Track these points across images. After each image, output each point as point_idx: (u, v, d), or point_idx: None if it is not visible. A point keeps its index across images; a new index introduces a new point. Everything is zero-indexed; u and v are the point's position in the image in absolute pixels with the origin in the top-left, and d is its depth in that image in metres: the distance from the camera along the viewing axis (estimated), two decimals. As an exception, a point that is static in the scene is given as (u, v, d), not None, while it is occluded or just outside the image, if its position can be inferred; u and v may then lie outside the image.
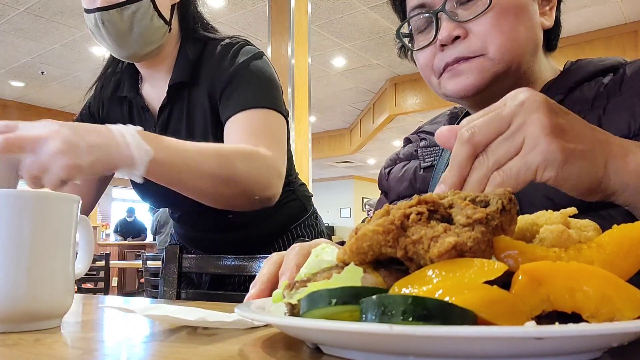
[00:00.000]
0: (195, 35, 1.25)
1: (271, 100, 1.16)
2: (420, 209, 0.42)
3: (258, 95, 1.15)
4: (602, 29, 6.47)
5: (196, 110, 1.21)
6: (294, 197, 1.37)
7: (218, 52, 1.21)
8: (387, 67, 7.95)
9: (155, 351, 0.47)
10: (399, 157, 1.04)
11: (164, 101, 1.23)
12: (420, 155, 0.97)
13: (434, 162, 0.93)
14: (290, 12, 4.40)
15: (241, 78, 1.17)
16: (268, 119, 1.14)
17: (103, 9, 1.09)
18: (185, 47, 1.23)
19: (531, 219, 0.48)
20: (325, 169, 13.81)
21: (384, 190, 1.05)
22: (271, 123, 1.14)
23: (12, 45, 6.78)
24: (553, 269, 0.37)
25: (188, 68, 1.21)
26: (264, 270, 0.66)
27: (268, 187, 1.05)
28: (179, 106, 1.23)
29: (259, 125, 1.11)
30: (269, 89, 1.18)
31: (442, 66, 0.82)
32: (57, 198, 0.61)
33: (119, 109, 1.32)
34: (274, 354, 0.44)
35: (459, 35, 0.79)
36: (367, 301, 0.36)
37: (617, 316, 0.35)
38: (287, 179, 1.32)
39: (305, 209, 1.40)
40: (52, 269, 0.59)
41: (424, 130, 1.03)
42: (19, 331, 0.57)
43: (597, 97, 0.76)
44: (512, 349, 0.33)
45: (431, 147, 0.96)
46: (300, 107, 4.44)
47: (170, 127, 1.24)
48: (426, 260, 0.40)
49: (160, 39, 1.18)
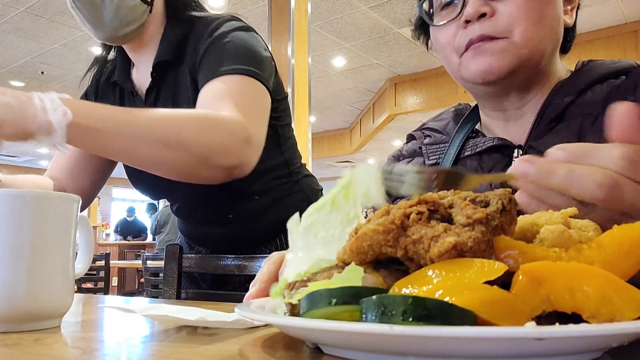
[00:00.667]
0: (181, 14, 1.21)
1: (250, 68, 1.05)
2: (420, 208, 0.42)
3: (235, 62, 1.05)
4: (602, 29, 6.47)
5: (182, 92, 1.18)
6: (297, 188, 1.30)
7: (203, 29, 1.16)
8: (387, 67, 7.95)
9: (155, 351, 0.47)
10: (402, 154, 1.03)
11: (150, 84, 1.21)
12: (424, 153, 0.96)
13: (439, 159, 0.92)
14: (290, 12, 4.40)
15: (218, 46, 1.09)
16: (243, 85, 1.03)
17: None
18: (169, 27, 1.20)
19: (531, 219, 0.48)
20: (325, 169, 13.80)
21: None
22: (246, 89, 1.03)
23: (12, 45, 6.78)
24: (553, 269, 0.37)
25: (171, 47, 1.17)
26: (263, 269, 0.66)
27: (229, 154, 0.92)
28: (165, 89, 1.20)
29: (229, 90, 1.00)
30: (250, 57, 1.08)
31: (464, 43, 0.79)
32: (57, 198, 0.61)
33: (111, 95, 1.30)
34: (274, 354, 0.44)
35: (486, 12, 0.77)
36: (367, 301, 0.36)
37: (617, 316, 0.35)
38: (288, 169, 1.27)
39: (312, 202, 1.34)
40: (52, 269, 0.59)
41: (428, 127, 1.01)
42: (19, 331, 0.57)
43: (609, 99, 0.75)
44: (512, 350, 0.33)
45: (436, 145, 0.95)
46: (300, 107, 4.44)
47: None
48: (426, 260, 0.40)
49: (139, 18, 1.15)
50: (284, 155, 1.27)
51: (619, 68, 0.81)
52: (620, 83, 0.78)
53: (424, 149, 0.96)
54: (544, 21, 0.77)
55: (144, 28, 1.18)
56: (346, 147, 11.22)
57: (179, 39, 1.17)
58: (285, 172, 1.28)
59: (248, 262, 1.21)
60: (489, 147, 0.85)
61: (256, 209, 1.23)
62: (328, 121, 10.73)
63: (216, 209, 1.25)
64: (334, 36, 6.74)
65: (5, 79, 8.07)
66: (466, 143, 0.90)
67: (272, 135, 1.14)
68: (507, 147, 0.84)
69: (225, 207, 1.24)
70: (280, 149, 1.26)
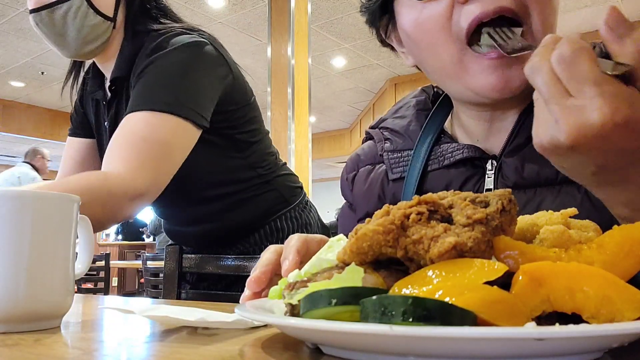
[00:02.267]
0: (137, 28, 1.20)
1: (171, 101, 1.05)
2: (420, 209, 0.42)
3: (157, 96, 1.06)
4: (602, 29, 6.46)
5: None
6: (268, 188, 1.31)
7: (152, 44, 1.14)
8: (387, 67, 7.94)
9: (155, 351, 0.47)
10: (361, 159, 0.90)
11: (110, 97, 1.24)
12: (387, 164, 0.84)
13: (403, 173, 0.80)
14: (290, 12, 4.40)
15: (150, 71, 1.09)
16: (154, 124, 1.04)
17: (34, 11, 1.10)
18: (125, 41, 1.20)
19: (531, 219, 0.48)
20: (325, 169, 13.80)
21: (349, 201, 0.92)
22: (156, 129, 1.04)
23: (12, 46, 6.78)
24: (553, 269, 0.37)
25: (125, 62, 1.18)
26: (263, 257, 0.64)
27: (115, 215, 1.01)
28: (122, 102, 1.23)
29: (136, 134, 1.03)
30: (181, 87, 1.08)
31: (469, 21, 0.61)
32: (57, 198, 0.61)
33: (91, 106, 1.35)
34: (274, 354, 0.44)
35: None
36: (367, 301, 0.36)
37: (617, 317, 0.35)
38: (254, 172, 1.29)
39: (286, 200, 1.34)
40: (52, 269, 0.59)
41: (387, 127, 0.87)
42: (19, 331, 0.57)
43: None
44: (512, 350, 0.33)
45: (398, 152, 0.82)
46: (300, 107, 4.44)
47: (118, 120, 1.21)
48: (426, 260, 0.40)
49: (102, 35, 1.16)
50: (247, 160, 1.28)
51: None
52: None
53: (386, 156, 0.84)
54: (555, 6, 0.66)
55: (108, 43, 1.19)
56: (346, 148, 11.22)
57: (132, 54, 1.17)
58: (251, 174, 1.29)
59: (248, 263, 1.21)
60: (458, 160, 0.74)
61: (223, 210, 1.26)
62: (328, 121, 10.73)
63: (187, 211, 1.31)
64: (334, 36, 6.74)
65: (6, 79, 8.07)
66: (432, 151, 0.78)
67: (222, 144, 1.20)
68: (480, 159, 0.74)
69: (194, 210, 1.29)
70: (242, 153, 1.26)
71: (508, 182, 0.70)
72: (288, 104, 4.29)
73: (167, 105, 1.05)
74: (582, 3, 5.83)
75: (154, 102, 1.05)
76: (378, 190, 0.85)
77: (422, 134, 0.81)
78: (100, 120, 1.33)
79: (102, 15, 1.14)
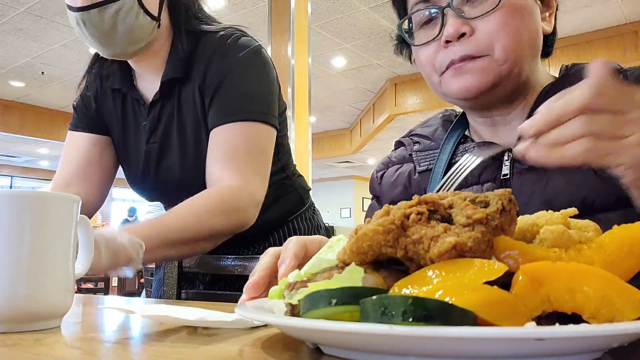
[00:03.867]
0: (188, 28, 1.21)
1: (260, 110, 1.14)
2: (420, 209, 0.42)
3: (246, 106, 1.13)
4: (602, 29, 6.46)
5: (187, 107, 1.19)
6: (291, 189, 1.36)
7: (211, 45, 1.17)
8: (387, 67, 7.95)
9: (155, 351, 0.47)
10: (391, 161, 1.02)
11: (155, 96, 1.21)
12: (415, 160, 0.95)
13: (430, 166, 0.92)
14: (290, 12, 4.40)
15: (232, 80, 1.14)
16: (252, 135, 1.13)
17: (83, 9, 1.05)
18: (177, 41, 1.19)
19: (531, 219, 0.48)
20: (325, 169, 13.80)
21: (376, 194, 1.03)
22: (255, 140, 1.14)
23: (12, 45, 6.78)
24: (553, 269, 0.37)
25: (181, 63, 1.18)
26: (262, 261, 0.66)
27: (245, 224, 1.11)
28: (171, 102, 1.21)
29: (239, 146, 1.11)
30: (261, 95, 1.16)
31: (446, 64, 0.80)
32: (57, 198, 0.61)
33: (111, 102, 1.30)
34: (274, 354, 0.44)
35: (465, 32, 0.78)
36: (367, 301, 0.36)
37: (617, 317, 0.35)
38: (284, 173, 1.33)
39: (303, 202, 1.39)
40: (52, 269, 0.59)
41: (416, 134, 1.02)
42: (19, 331, 0.57)
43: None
44: (512, 350, 0.33)
45: (426, 151, 0.95)
46: (300, 107, 4.44)
47: (162, 123, 1.22)
48: (426, 260, 0.40)
49: (149, 35, 1.14)
50: (281, 162, 1.33)
51: None
52: None
53: (414, 155, 0.96)
54: (523, 35, 0.78)
55: (151, 42, 1.17)
56: (346, 148, 11.22)
57: (187, 55, 1.18)
58: (282, 176, 1.34)
59: (248, 263, 1.21)
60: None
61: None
62: (328, 121, 10.73)
63: None
64: (334, 36, 6.74)
65: (6, 79, 8.08)
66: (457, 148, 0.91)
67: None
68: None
69: None
70: (277, 156, 1.29)
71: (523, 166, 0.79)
72: (288, 104, 4.28)
73: (257, 114, 1.14)
74: (582, 3, 5.83)
75: (247, 112, 1.13)
76: (405, 180, 0.95)
77: (447, 136, 0.94)
78: (128, 116, 1.28)
79: (150, 16, 1.13)
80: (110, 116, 1.31)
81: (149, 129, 1.23)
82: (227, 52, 1.16)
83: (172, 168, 1.22)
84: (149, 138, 1.23)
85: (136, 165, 1.28)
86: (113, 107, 1.30)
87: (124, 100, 1.29)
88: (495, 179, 0.82)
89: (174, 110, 1.20)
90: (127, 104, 1.29)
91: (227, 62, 1.15)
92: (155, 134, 1.23)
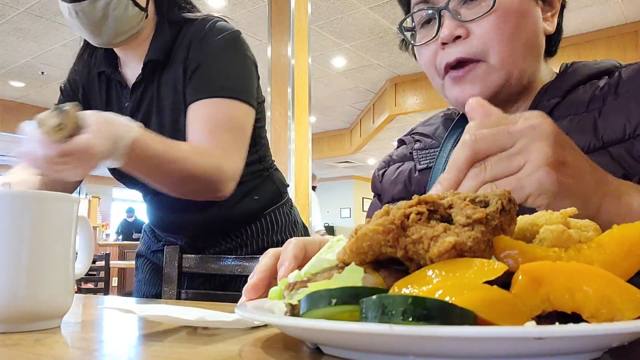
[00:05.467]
0: (171, 17, 1.26)
1: (239, 89, 1.18)
2: (420, 208, 0.42)
3: (224, 83, 1.17)
4: (602, 29, 6.46)
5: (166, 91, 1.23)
6: (269, 181, 1.39)
7: (192, 31, 1.22)
8: (387, 67, 7.95)
9: (155, 351, 0.47)
10: (393, 159, 1.03)
11: (137, 78, 1.25)
12: (415, 158, 0.96)
13: (430, 164, 0.92)
14: (290, 12, 4.39)
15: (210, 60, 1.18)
16: (231, 112, 1.16)
17: (75, 0, 1.10)
18: (160, 28, 1.25)
19: (531, 219, 0.48)
20: (325, 169, 13.81)
21: (377, 192, 1.04)
22: (235, 116, 1.17)
23: (12, 46, 6.78)
24: (553, 269, 0.37)
25: (163, 47, 1.23)
26: (261, 262, 0.66)
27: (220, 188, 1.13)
28: (152, 86, 1.25)
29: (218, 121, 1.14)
30: (238, 75, 1.20)
31: (442, 65, 0.81)
32: (57, 198, 0.61)
33: (97, 84, 1.34)
34: (274, 354, 0.44)
35: (460, 35, 0.78)
36: (367, 301, 0.36)
37: (617, 316, 0.35)
38: (261, 164, 1.37)
39: (281, 195, 1.42)
40: (52, 269, 0.59)
41: (417, 132, 1.02)
42: (19, 331, 0.57)
43: (593, 99, 0.76)
44: (512, 349, 0.33)
45: (427, 150, 0.95)
46: (300, 107, 4.43)
47: (143, 105, 1.26)
48: (426, 260, 0.40)
49: (136, 25, 1.20)
50: (258, 153, 1.37)
51: (602, 69, 0.81)
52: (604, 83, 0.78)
53: (415, 154, 0.96)
54: (519, 38, 0.78)
55: (138, 32, 1.22)
56: (346, 148, 11.22)
57: (169, 40, 1.23)
58: (260, 167, 1.38)
59: (248, 263, 1.22)
60: None
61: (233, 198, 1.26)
62: (328, 121, 10.73)
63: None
64: (334, 36, 6.74)
65: (6, 79, 8.08)
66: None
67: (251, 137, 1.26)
68: None
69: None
70: (255, 147, 1.34)
71: None
72: (288, 104, 4.29)
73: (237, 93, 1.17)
74: (583, 3, 5.83)
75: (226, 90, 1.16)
76: (405, 178, 0.95)
77: (447, 135, 0.94)
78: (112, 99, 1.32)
79: (138, 7, 1.18)
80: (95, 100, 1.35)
81: (130, 111, 1.27)
82: (207, 34, 1.21)
83: None
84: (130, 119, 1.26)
85: None
86: (98, 90, 1.34)
87: (108, 84, 1.33)
88: None
89: (154, 93, 1.24)
90: (112, 88, 1.33)
91: (206, 42, 1.20)
92: (136, 116, 1.26)
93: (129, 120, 0.97)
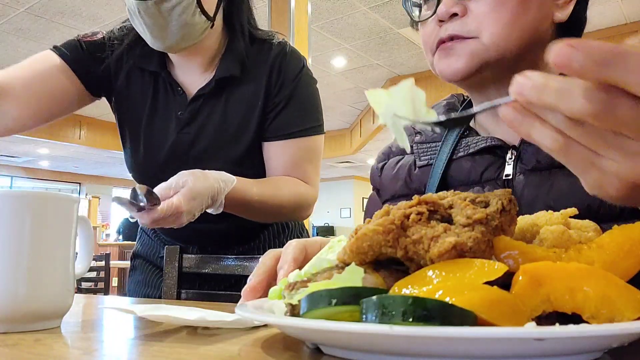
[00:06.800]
0: (244, 31, 1.26)
1: (319, 123, 1.29)
2: (420, 209, 0.42)
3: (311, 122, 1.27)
4: (602, 29, 6.47)
5: (236, 105, 1.22)
6: None
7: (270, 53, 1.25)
8: (387, 67, 7.95)
9: (155, 351, 0.47)
10: (392, 151, 1.00)
11: (202, 90, 1.22)
12: (415, 153, 0.93)
13: (430, 161, 0.90)
14: (290, 12, 4.39)
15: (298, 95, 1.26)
16: (313, 144, 1.28)
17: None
18: (235, 43, 1.23)
19: (531, 219, 0.48)
20: (325, 169, 13.81)
21: (376, 187, 1.02)
22: (314, 148, 1.29)
23: (12, 46, 6.78)
24: (553, 269, 0.37)
25: (237, 63, 1.22)
26: (261, 263, 0.66)
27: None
28: (217, 99, 1.22)
29: (303, 154, 1.26)
30: (319, 110, 1.32)
31: (435, 42, 0.80)
32: (57, 198, 0.61)
33: (140, 79, 1.27)
34: (274, 354, 0.44)
35: (457, 12, 0.76)
36: (367, 301, 0.36)
37: (617, 317, 0.35)
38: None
39: None
40: (52, 269, 0.59)
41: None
42: (19, 331, 0.57)
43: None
44: (512, 350, 0.33)
45: (427, 144, 0.93)
46: (301, 107, 4.43)
47: (200, 115, 1.22)
48: (426, 260, 0.40)
49: (200, 34, 1.15)
50: None
51: None
52: None
53: (415, 147, 0.93)
54: (518, 22, 0.75)
55: (201, 41, 1.18)
56: (346, 148, 11.21)
57: (243, 57, 1.24)
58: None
59: (248, 263, 1.22)
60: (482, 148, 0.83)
61: None
62: (328, 121, 10.60)
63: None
64: (334, 36, 6.74)
65: (6, 79, 8.07)
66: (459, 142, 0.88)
67: None
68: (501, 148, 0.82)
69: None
70: None
71: (526, 167, 0.78)
72: (288, 104, 4.29)
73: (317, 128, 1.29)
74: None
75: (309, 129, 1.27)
76: (405, 174, 0.93)
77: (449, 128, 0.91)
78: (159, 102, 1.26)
79: (205, 15, 1.14)
80: (136, 94, 1.28)
81: (185, 120, 1.23)
82: (290, 62, 1.26)
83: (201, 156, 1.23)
84: (182, 128, 1.23)
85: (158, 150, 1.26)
86: (141, 85, 1.27)
87: (155, 84, 1.27)
88: (497, 179, 0.80)
89: (220, 107, 1.22)
90: (160, 89, 1.27)
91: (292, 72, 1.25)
92: (190, 126, 1.23)
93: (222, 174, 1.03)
